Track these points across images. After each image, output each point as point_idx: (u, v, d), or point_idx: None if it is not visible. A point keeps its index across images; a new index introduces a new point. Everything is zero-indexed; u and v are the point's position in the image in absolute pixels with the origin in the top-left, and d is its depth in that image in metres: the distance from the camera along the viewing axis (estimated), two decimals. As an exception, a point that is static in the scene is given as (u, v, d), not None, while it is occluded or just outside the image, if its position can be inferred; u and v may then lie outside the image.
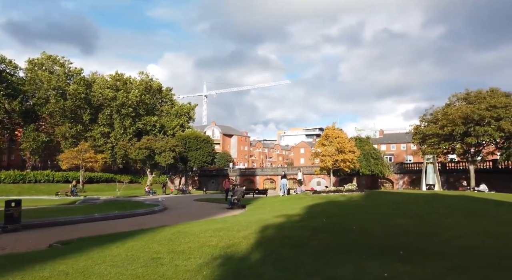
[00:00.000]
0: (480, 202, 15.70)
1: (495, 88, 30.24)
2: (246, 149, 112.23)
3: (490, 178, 35.31)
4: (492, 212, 12.67)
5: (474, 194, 20.49)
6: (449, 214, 11.51)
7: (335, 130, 33.45)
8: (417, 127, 34.01)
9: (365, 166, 36.40)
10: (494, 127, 27.86)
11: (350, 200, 15.53)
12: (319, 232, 7.85)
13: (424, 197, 17.05)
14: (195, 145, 50.65)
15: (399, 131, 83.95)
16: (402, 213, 11.02)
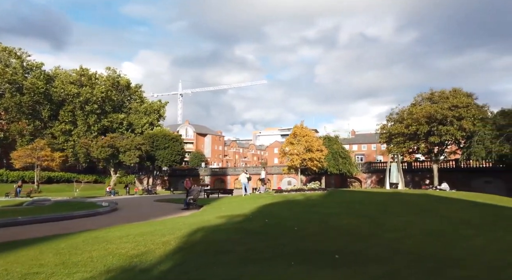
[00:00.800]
0: (436, 201, 15.56)
1: (458, 88, 30.94)
2: (220, 149, 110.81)
3: (452, 177, 36.16)
4: (444, 210, 12.42)
5: (434, 193, 20.54)
6: (402, 213, 11.10)
7: (303, 128, 33.04)
8: (383, 127, 34.27)
9: (333, 165, 36.30)
10: (456, 126, 28.40)
11: (308, 199, 14.92)
12: (254, 234, 7.04)
13: (384, 195, 16.77)
14: (163, 144, 48.95)
15: (370, 131, 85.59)
16: (354, 213, 10.47)
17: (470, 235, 8.44)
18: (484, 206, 15.87)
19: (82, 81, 52.74)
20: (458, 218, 11.36)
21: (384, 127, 34.20)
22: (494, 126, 26.57)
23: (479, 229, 9.55)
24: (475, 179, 34.98)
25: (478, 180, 34.76)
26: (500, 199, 20.51)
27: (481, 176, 34.49)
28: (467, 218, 11.40)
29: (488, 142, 26.15)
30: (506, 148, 24.66)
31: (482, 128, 27.18)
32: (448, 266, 5.67)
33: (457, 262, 5.89)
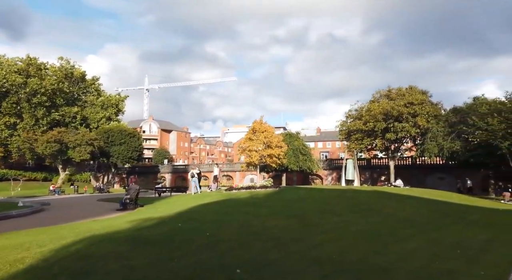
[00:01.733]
0: (386, 198, 15.07)
1: (414, 86, 31.37)
2: (186, 146, 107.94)
3: (408, 174, 36.86)
4: (390, 208, 11.83)
5: (386, 190, 20.28)
6: (343, 212, 10.29)
7: (262, 124, 32.06)
8: (343, 123, 34.14)
9: (294, 162, 35.72)
10: (411, 123, 28.68)
11: (252, 197, 13.84)
12: (148, 245, 5.74)
13: (333, 192, 16.09)
14: (119, 139, 46.13)
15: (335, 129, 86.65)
16: (291, 212, 9.48)
17: (408, 236, 7.68)
18: (433, 203, 15.62)
19: (30, 71, 48.52)
20: (402, 216, 10.75)
21: (344, 124, 34.06)
22: (447, 123, 27.05)
23: (420, 228, 8.89)
24: (430, 175, 35.84)
25: (432, 177, 35.62)
26: (450, 196, 20.64)
27: (435, 172, 35.38)
28: (411, 217, 10.81)
29: (440, 139, 26.56)
30: (457, 145, 25.10)
31: (435, 125, 27.62)
32: (369, 277, 4.72)
33: (381, 272, 4.96)
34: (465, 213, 13.24)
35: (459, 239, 7.69)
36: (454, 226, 9.74)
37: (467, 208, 15.05)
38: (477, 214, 13.22)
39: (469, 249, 6.64)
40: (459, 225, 10.04)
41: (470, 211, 14.11)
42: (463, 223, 10.52)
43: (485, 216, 12.63)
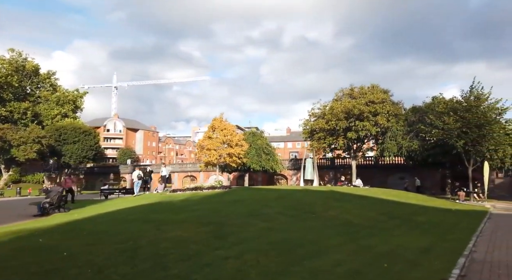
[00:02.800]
0: (337, 199, 14.05)
1: (375, 84, 31.06)
2: (154, 145, 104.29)
3: (370, 174, 36.70)
4: (334, 210, 10.74)
5: (343, 190, 19.44)
6: (276, 215, 9.04)
7: (222, 122, 30.57)
8: (306, 122, 33.30)
9: (256, 161, 34.49)
10: (372, 122, 28.26)
11: (186, 200, 12.35)
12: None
13: (283, 193, 14.92)
14: (73, 138, 42.93)
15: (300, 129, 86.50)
16: (209, 219, 8.08)
17: (335, 246, 6.50)
18: (384, 204, 14.83)
19: (-28, 62, 44.30)
20: (344, 220, 9.66)
21: (307, 123, 33.23)
22: (406, 122, 26.81)
23: (355, 235, 7.78)
24: (391, 175, 35.80)
25: (393, 177, 35.59)
26: (406, 196, 20.14)
27: (396, 172, 35.37)
28: (353, 220, 9.75)
29: (400, 138, 26.26)
30: (415, 144, 24.84)
31: (395, 124, 27.31)
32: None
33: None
34: (414, 214, 12.47)
35: (394, 247, 6.62)
36: (396, 230, 8.74)
37: (419, 209, 14.38)
38: (426, 215, 12.49)
39: (399, 262, 5.53)
40: (402, 229, 9.08)
41: (420, 212, 13.40)
42: (407, 226, 9.59)
43: (434, 218, 11.89)
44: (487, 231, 9.67)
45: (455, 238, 7.87)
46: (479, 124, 20.04)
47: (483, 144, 20.11)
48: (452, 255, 6.17)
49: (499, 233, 9.20)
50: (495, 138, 19.96)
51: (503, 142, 20.22)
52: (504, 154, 20.92)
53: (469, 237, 8.06)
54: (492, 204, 20.34)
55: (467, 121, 20.39)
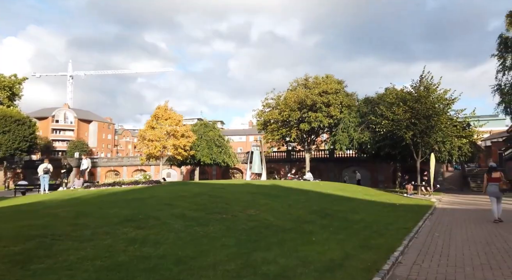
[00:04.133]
0: (273, 195, 12.35)
1: (330, 74, 30.00)
2: (110, 138, 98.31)
3: (325, 167, 36.00)
4: (260, 209, 8.95)
5: (286, 184, 17.92)
6: (170, 219, 7.04)
7: (167, 110, 28.03)
8: (260, 113, 31.63)
9: (207, 154, 32.32)
10: (325, 113, 27.14)
11: (72, 199, 10.00)
12: None
13: (210, 188, 13.00)
14: (2, 127, 38.23)
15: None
16: (34, 232, 5.92)
17: (213, 264, 4.62)
18: (323, 200, 13.39)
19: None
20: (259, 221, 7.88)
21: (261, 114, 31.55)
22: (358, 114, 25.91)
23: (254, 244, 5.95)
24: (346, 169, 35.23)
25: (347, 170, 35.05)
26: (354, 190, 19.05)
27: (350, 166, 34.84)
28: (271, 222, 8.00)
29: (352, 130, 25.31)
30: (365, 136, 23.97)
31: (347, 115, 26.34)
32: None
33: None
34: (352, 211, 11.06)
35: (294, 263, 4.88)
36: (317, 234, 7.10)
37: (360, 205, 13.08)
38: (365, 212, 11.13)
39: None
40: (326, 232, 7.46)
41: (360, 208, 12.07)
42: (335, 228, 8.02)
43: (372, 215, 10.54)
44: (424, 231, 8.36)
45: (382, 244, 6.35)
46: (427, 115, 19.34)
47: (431, 135, 19.47)
48: (366, 272, 4.54)
49: (436, 234, 7.88)
50: (442, 129, 19.38)
51: (450, 134, 19.69)
52: (452, 146, 20.47)
53: (400, 241, 6.58)
54: (439, 197, 19.82)
55: (416, 111, 19.62)
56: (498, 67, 21.12)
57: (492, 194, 9.66)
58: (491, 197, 9.77)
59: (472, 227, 9.01)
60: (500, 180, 9.67)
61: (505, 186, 9.72)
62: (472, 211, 13.33)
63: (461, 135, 19.65)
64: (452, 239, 7.35)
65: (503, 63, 20.82)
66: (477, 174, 36.06)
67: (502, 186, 9.62)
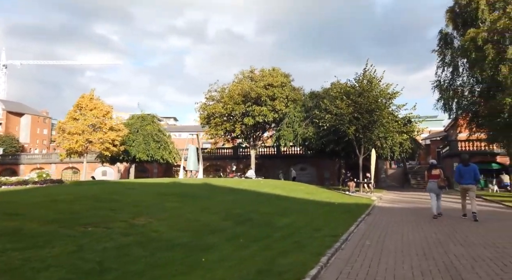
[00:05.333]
0: (190, 196, 10.38)
1: (277, 67, 28.63)
2: (45, 133, 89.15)
3: (272, 165, 34.79)
4: (159, 216, 6.92)
5: (219, 182, 16.08)
6: None
7: (92, 99, 24.69)
8: (203, 106, 29.37)
9: (143, 150, 29.35)
10: (270, 107, 25.73)
11: None
12: None
13: (119, 189, 10.71)
14: None
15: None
16: None
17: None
18: (253, 200, 11.68)
19: None
20: (150, 233, 5.89)
21: (204, 107, 29.30)
22: (303, 108, 24.82)
23: (103, 276, 3.97)
24: (293, 166, 34.26)
25: (295, 167, 34.12)
26: (295, 188, 17.76)
27: (298, 163, 33.99)
28: (165, 234, 6.03)
29: (296, 125, 24.15)
30: (310, 131, 22.92)
31: (293, 110, 25.14)
32: None
33: None
34: (281, 214, 9.46)
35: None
36: (212, 252, 5.26)
37: (293, 205, 11.59)
38: (295, 215, 9.60)
39: None
40: (228, 247, 5.65)
41: (292, 210, 10.53)
42: (245, 238, 6.26)
43: (301, 219, 9.01)
44: (355, 238, 6.91)
45: (294, 263, 4.67)
46: (370, 110, 18.61)
47: (373, 131, 18.79)
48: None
49: (368, 242, 6.44)
50: (384, 125, 18.78)
51: (392, 129, 19.17)
52: (393, 142, 20.04)
53: (318, 258, 4.94)
54: (380, 195, 19.25)
55: (359, 106, 18.82)
56: (438, 63, 21.14)
57: (432, 190, 9.71)
58: (430, 194, 9.80)
59: (409, 230, 7.80)
60: (439, 177, 9.68)
61: (443, 183, 9.76)
62: (411, 210, 12.49)
63: (402, 131, 19.22)
64: (384, 249, 5.93)
65: (443, 59, 20.84)
66: (417, 171, 37.23)
67: (440, 183, 9.64)
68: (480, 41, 16.80)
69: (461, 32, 19.28)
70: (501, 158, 25.79)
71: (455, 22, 19.93)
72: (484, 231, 7.53)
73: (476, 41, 16.96)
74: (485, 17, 17.20)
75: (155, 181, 16.34)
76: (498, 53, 16.83)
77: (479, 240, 6.49)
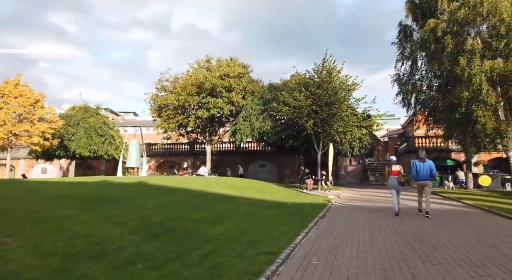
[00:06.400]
0: (95, 199, 8.31)
1: (235, 57, 26.89)
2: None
3: (231, 161, 33.02)
4: (44, 227, 4.89)
5: (159, 181, 14.05)
6: None
7: (18, 85, 21.34)
8: (154, 97, 26.83)
9: (84, 145, 26.26)
10: (226, 99, 23.91)
11: None
12: None
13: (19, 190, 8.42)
14: None
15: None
16: None
17: None
18: (193, 201, 9.92)
19: None
20: None
21: (156, 98, 26.77)
22: (261, 101, 23.28)
23: None
24: (252, 163, 32.81)
25: (254, 164, 32.70)
26: (249, 186, 16.14)
27: (257, 159, 32.54)
28: (11, 263, 4.03)
29: (253, 119, 22.56)
30: (267, 125, 21.45)
31: (250, 102, 23.51)
32: None
33: None
34: (216, 220, 7.72)
35: None
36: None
37: (240, 207, 9.90)
38: (235, 220, 7.91)
39: None
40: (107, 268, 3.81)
41: (234, 213, 8.82)
42: (144, 262, 4.44)
43: (244, 223, 7.35)
44: (299, 254, 5.34)
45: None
46: (329, 102, 17.46)
47: (332, 125, 17.66)
48: None
49: (314, 261, 4.89)
50: (344, 118, 17.72)
51: (351, 124, 18.17)
52: (352, 137, 19.09)
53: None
54: (338, 192, 18.21)
55: (318, 98, 17.60)
56: (397, 56, 20.56)
57: (393, 186, 9.75)
58: (392, 190, 9.86)
59: (366, 240, 6.40)
60: (400, 173, 9.69)
61: (403, 179, 9.77)
62: (369, 210, 11.31)
63: (361, 125, 18.29)
64: (334, 271, 4.39)
65: (402, 52, 20.28)
66: (376, 168, 37.34)
67: (401, 179, 9.65)
68: (439, 32, 16.19)
69: (421, 23, 18.69)
70: (455, 154, 26.06)
71: (414, 13, 19.35)
72: (453, 239, 6.33)
73: (436, 32, 16.34)
74: (444, 7, 16.61)
75: (77, 180, 13.92)
76: (457, 45, 16.33)
77: (451, 254, 5.18)
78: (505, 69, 14.42)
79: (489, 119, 15.04)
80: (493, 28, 14.91)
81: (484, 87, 14.80)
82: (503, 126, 15.68)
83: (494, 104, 15.20)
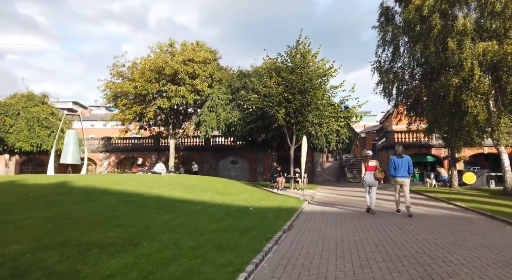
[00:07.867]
0: None
1: (202, 42, 24.12)
2: None
3: (200, 157, 30.41)
4: None
5: (87, 182, 11.35)
6: None
7: None
8: (109, 84, 23.68)
9: (26, 138, 22.80)
10: (189, 86, 21.24)
11: None
12: None
13: None
14: None
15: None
16: None
17: None
18: (117, 207, 7.39)
19: None
20: None
21: (110, 85, 23.62)
22: (230, 90, 20.77)
23: None
24: (223, 159, 30.31)
25: (225, 160, 30.22)
26: (206, 187, 13.69)
27: (228, 155, 30.06)
28: None
29: (220, 109, 20.03)
30: (235, 116, 19.01)
31: (217, 91, 20.93)
32: None
33: None
34: (127, 243, 5.26)
35: None
36: None
37: (178, 219, 7.43)
38: (155, 242, 5.45)
39: None
40: None
41: (170, 226, 6.32)
42: None
43: (161, 250, 4.93)
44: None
45: None
46: (303, 90, 15.25)
47: (306, 115, 15.47)
48: None
49: None
50: (320, 108, 15.57)
51: (328, 114, 16.04)
52: (329, 130, 17.01)
53: None
54: (313, 192, 16.09)
55: (291, 84, 15.34)
56: (378, 41, 18.68)
57: (369, 182, 9.37)
58: (366, 186, 9.48)
59: (348, 277, 4.12)
60: (376, 168, 9.36)
61: (380, 175, 9.30)
62: (349, 217, 9.15)
63: (339, 116, 16.20)
64: None
65: (383, 37, 18.35)
66: (354, 164, 35.82)
67: (378, 175, 9.27)
68: (425, 10, 14.29)
69: (404, 4, 16.76)
70: (436, 150, 24.68)
71: (397, -8, 17.44)
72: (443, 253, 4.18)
73: (422, 10, 14.44)
74: (432, -17, 14.70)
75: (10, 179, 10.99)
76: (445, 26, 14.51)
77: None
78: (500, 52, 12.69)
79: (481, 110, 13.33)
80: (486, 5, 13.13)
81: (476, 73, 13.04)
82: (495, 117, 14.04)
83: (486, 92, 13.49)
